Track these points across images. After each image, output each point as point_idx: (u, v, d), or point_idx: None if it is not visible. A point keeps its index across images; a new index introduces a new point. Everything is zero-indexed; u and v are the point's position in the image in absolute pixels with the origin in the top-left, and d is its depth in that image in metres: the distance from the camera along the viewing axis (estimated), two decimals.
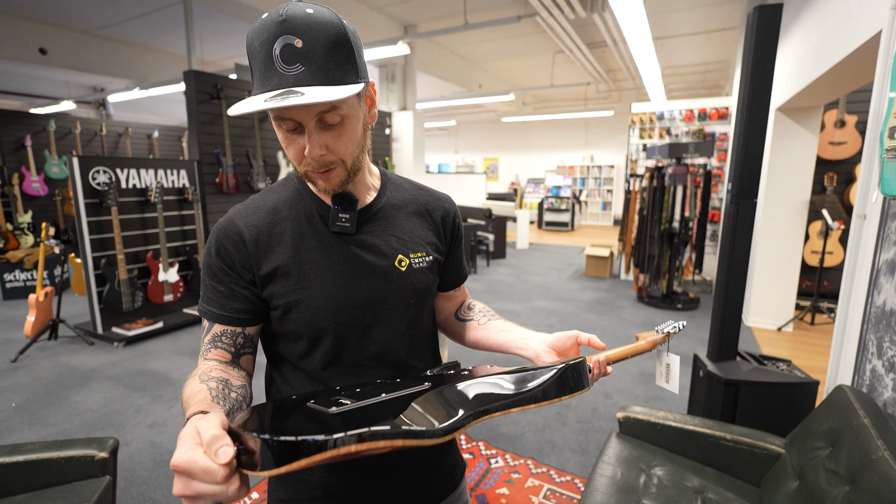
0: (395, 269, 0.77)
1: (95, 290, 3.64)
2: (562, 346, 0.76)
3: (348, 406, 0.51)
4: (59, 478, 1.48)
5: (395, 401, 0.54)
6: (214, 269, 0.72)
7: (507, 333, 0.83)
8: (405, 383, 0.62)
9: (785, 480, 1.40)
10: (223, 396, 0.61)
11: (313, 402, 0.55)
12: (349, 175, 0.71)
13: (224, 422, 0.47)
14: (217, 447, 0.42)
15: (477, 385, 0.59)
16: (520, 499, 1.92)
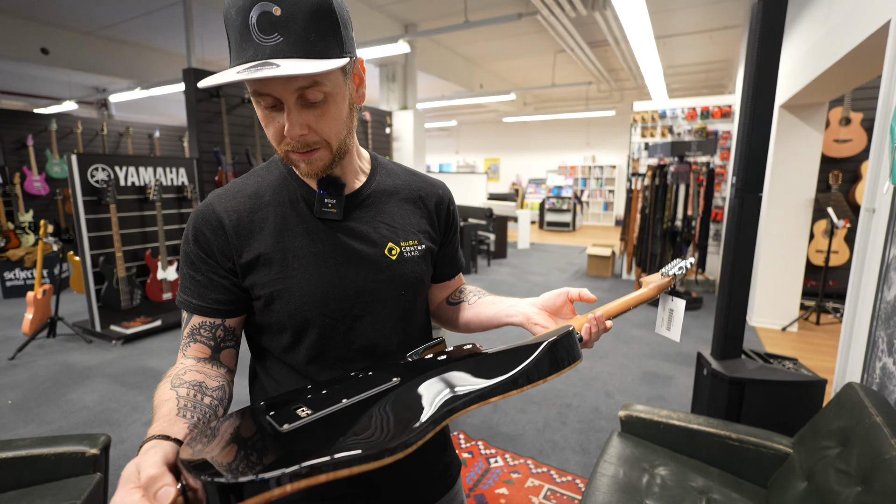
0: (385, 257, 0.73)
1: (94, 288, 3.62)
2: (552, 305, 0.72)
3: (302, 420, 0.47)
4: (49, 475, 1.45)
5: (356, 407, 0.50)
6: (192, 257, 0.68)
7: (495, 305, 0.79)
8: (374, 378, 0.57)
9: (793, 481, 1.35)
10: (193, 405, 0.57)
11: (272, 415, 0.51)
12: (334, 158, 0.67)
13: (168, 455, 0.44)
14: (156, 489, 0.39)
15: (450, 376, 0.54)
16: (519, 499, 1.88)
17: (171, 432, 0.50)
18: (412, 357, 0.68)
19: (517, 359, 0.55)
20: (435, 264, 0.83)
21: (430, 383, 0.53)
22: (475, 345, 0.64)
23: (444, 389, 0.52)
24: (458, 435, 2.35)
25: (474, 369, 0.55)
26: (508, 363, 0.55)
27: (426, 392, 0.52)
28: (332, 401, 0.51)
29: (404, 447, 0.43)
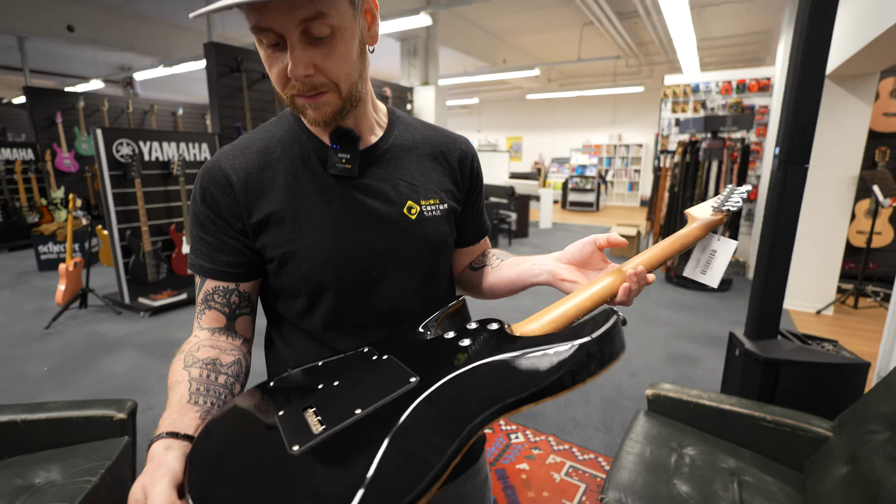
0: (404, 217, 0.68)
1: (122, 262, 3.71)
2: (579, 258, 0.66)
3: (315, 440, 0.42)
4: (80, 436, 1.49)
5: (372, 422, 0.43)
6: (201, 218, 0.64)
7: (518, 266, 0.73)
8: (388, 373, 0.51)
9: (833, 466, 1.29)
10: (206, 388, 0.55)
11: (281, 415, 0.47)
12: (344, 104, 0.61)
13: (175, 476, 0.42)
14: None
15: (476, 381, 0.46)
16: (541, 475, 1.86)
17: (182, 426, 0.49)
18: (430, 327, 0.64)
19: (552, 360, 0.46)
20: (458, 227, 0.78)
21: (455, 393, 0.45)
22: (502, 324, 0.56)
23: (471, 402, 0.44)
24: None
25: (502, 372, 0.47)
26: (541, 365, 0.46)
27: (451, 404, 0.44)
28: (344, 408, 0.46)
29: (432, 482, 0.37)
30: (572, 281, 0.64)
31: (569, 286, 0.64)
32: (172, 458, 0.43)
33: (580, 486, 1.80)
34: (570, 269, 0.66)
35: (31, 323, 3.51)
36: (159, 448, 0.45)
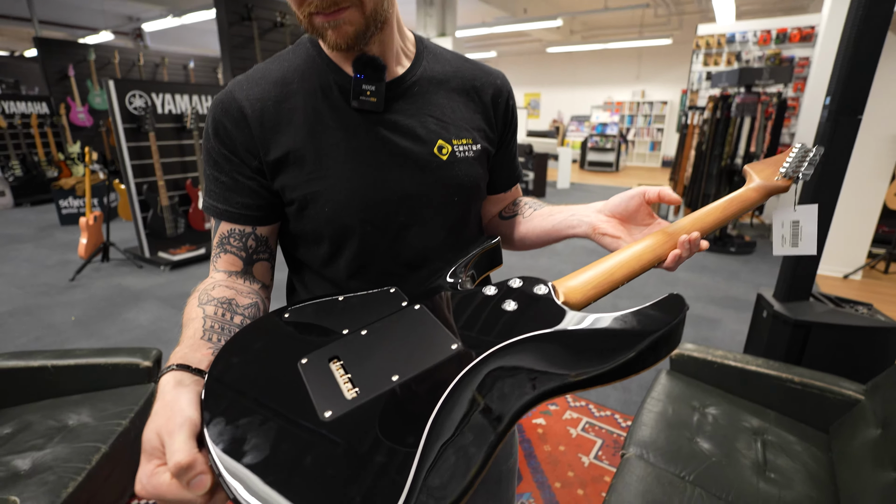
0: (435, 157, 0.62)
1: (140, 216, 3.73)
2: (624, 212, 0.60)
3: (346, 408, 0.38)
4: (107, 382, 1.53)
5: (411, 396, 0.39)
6: (214, 155, 0.59)
7: (554, 216, 0.68)
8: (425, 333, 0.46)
9: (863, 428, 1.26)
10: (220, 326, 0.51)
11: (305, 364, 0.42)
12: (367, 23, 0.54)
13: (193, 424, 0.37)
14: (188, 479, 0.34)
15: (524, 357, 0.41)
16: (557, 430, 1.88)
17: (194, 360, 0.45)
18: (461, 272, 0.59)
19: (613, 347, 0.41)
20: (489, 171, 0.72)
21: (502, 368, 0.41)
22: (550, 289, 0.50)
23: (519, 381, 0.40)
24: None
25: (556, 351, 0.42)
26: (602, 349, 0.41)
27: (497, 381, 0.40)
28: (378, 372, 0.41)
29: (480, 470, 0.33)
30: (614, 236, 0.59)
31: (610, 242, 0.59)
32: (186, 402, 0.39)
33: (596, 441, 1.82)
34: (613, 222, 0.61)
35: (56, 275, 3.60)
36: (170, 382, 0.41)
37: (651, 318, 0.43)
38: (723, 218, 0.59)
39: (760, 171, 0.64)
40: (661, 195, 0.57)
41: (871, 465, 1.13)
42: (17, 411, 1.43)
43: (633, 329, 0.42)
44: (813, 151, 0.61)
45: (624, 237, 0.59)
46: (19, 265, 3.84)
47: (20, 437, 1.31)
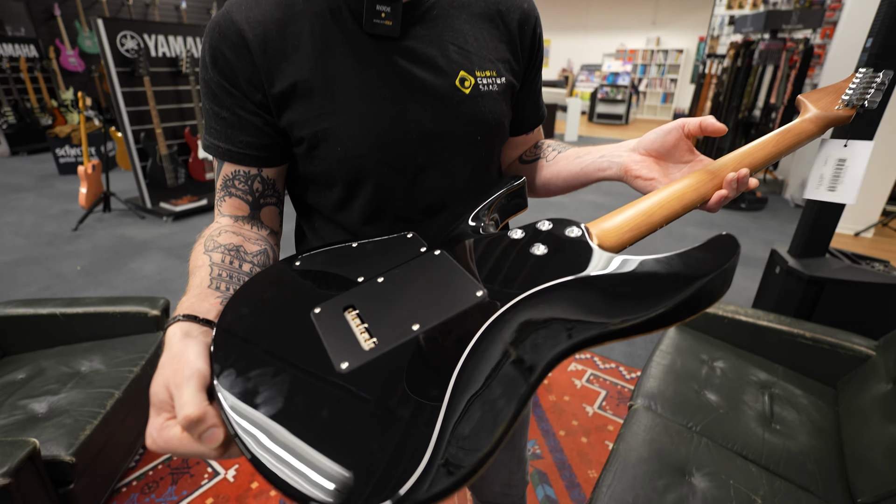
0: (457, 90, 0.56)
1: (139, 165, 3.65)
2: (661, 148, 0.54)
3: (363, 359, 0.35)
4: (117, 330, 1.54)
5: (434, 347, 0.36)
6: (212, 87, 0.53)
7: (582, 158, 0.62)
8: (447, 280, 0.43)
9: (873, 383, 1.26)
10: (228, 274, 0.48)
11: (318, 314, 0.39)
12: None
13: (202, 376, 0.35)
14: (199, 432, 0.33)
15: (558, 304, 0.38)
16: (562, 381, 1.90)
17: (201, 310, 0.43)
18: (483, 216, 0.54)
19: (658, 291, 0.37)
20: (512, 108, 0.66)
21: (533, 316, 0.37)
22: (584, 231, 0.45)
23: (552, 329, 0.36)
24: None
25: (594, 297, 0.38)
26: (645, 294, 0.37)
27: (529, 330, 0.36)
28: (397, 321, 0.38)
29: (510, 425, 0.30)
30: (649, 178, 0.53)
31: (643, 185, 0.54)
32: (194, 353, 0.37)
33: (601, 392, 1.85)
34: (648, 162, 0.55)
35: (59, 224, 3.57)
36: (177, 334, 0.39)
37: (699, 261, 0.39)
38: (774, 153, 0.53)
39: (817, 101, 0.57)
40: (704, 126, 0.51)
41: (879, 419, 1.14)
42: (31, 357, 1.45)
43: (679, 272, 0.38)
44: (881, 76, 0.53)
45: (659, 178, 0.53)
46: (22, 215, 3.81)
47: (35, 382, 1.33)
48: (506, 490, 0.95)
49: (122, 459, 1.39)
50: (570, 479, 1.46)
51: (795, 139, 0.54)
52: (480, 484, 0.94)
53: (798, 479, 1.07)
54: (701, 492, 1.01)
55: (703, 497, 1.00)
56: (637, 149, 0.56)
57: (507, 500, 0.98)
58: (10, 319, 1.47)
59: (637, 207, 0.49)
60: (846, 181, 0.56)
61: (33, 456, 1.02)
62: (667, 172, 0.55)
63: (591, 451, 1.56)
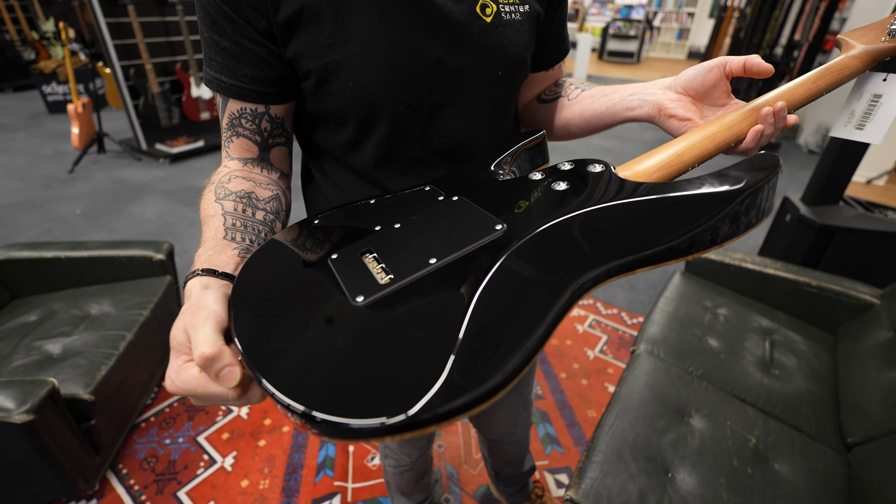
0: (478, 18, 0.51)
1: (131, 104, 3.51)
2: (700, 87, 0.50)
3: (379, 293, 0.33)
4: (121, 275, 1.54)
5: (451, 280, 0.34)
6: (212, 13, 0.47)
7: (608, 97, 0.58)
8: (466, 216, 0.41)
9: (874, 331, 1.27)
10: (242, 223, 0.46)
11: (335, 259, 0.38)
12: None
13: (219, 320, 0.35)
14: (215, 370, 0.32)
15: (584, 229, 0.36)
16: (565, 325, 1.94)
17: (219, 263, 0.42)
18: (504, 166, 0.52)
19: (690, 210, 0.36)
20: (536, 41, 0.60)
21: (558, 243, 0.36)
22: (608, 165, 0.44)
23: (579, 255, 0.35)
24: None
25: (624, 220, 0.37)
26: (677, 214, 0.36)
27: (553, 257, 0.35)
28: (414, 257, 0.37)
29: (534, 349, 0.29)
30: (685, 119, 0.50)
31: (678, 126, 0.50)
32: (212, 299, 0.37)
33: (602, 336, 1.88)
34: (684, 101, 0.51)
35: (54, 166, 3.50)
36: (196, 286, 0.39)
37: (737, 170, 0.38)
38: (815, 90, 0.49)
39: (861, 37, 0.52)
40: (749, 65, 0.47)
41: (877, 366, 1.16)
42: (40, 300, 1.46)
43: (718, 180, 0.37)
44: None
45: (696, 120, 0.50)
46: (15, 156, 3.72)
47: (47, 324, 1.35)
48: (511, 430, 0.99)
49: (139, 397, 1.44)
50: (569, 419, 1.52)
51: (837, 76, 0.50)
52: (488, 423, 0.98)
53: (792, 420, 1.11)
54: (699, 431, 1.05)
55: (701, 436, 1.04)
56: (673, 86, 0.52)
57: (512, 439, 1.03)
58: (16, 263, 1.47)
59: (667, 150, 0.47)
60: (876, 119, 0.52)
61: (53, 394, 1.05)
62: (703, 114, 0.51)
63: (590, 393, 1.62)
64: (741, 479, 0.95)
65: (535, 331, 0.30)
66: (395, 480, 1.05)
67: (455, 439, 1.45)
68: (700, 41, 10.09)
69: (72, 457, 1.13)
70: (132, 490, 1.27)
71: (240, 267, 0.42)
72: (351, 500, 1.27)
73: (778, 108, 0.46)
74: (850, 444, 1.06)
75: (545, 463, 1.38)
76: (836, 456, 1.03)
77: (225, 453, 1.38)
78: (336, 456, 1.38)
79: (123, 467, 1.33)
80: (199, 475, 1.32)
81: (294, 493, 1.28)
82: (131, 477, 1.31)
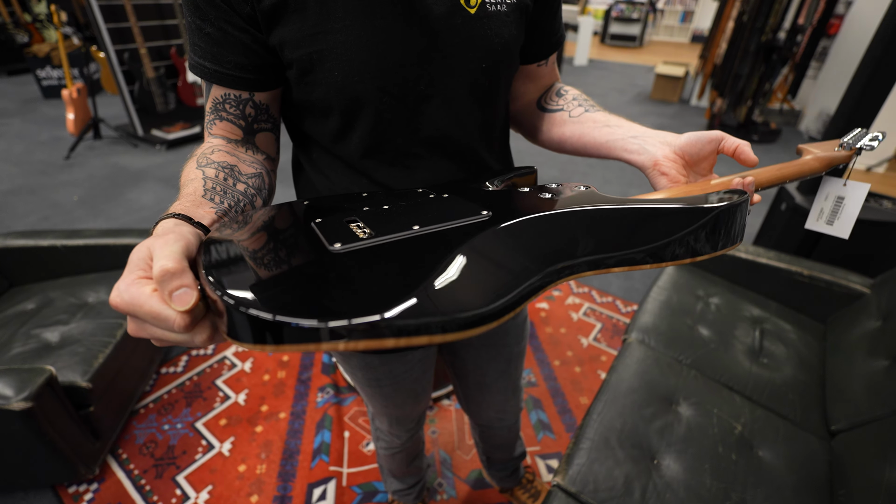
0: (461, 9, 0.51)
1: (126, 89, 3.48)
2: (696, 155, 0.52)
3: (360, 243, 0.34)
4: (118, 263, 1.55)
5: (433, 240, 0.35)
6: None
7: (611, 130, 0.58)
8: (454, 204, 0.43)
9: (864, 320, 1.28)
10: (223, 189, 0.46)
11: (319, 223, 0.38)
12: None
13: (190, 246, 0.33)
14: (171, 288, 0.29)
15: (565, 223, 0.39)
16: (560, 314, 1.95)
17: (196, 215, 0.41)
18: (497, 184, 0.53)
19: (666, 223, 0.39)
20: (526, 32, 0.59)
21: (537, 229, 0.38)
22: (591, 188, 0.47)
23: (562, 242, 0.38)
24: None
25: (600, 223, 0.39)
26: (653, 226, 0.39)
27: (534, 240, 0.37)
28: (398, 224, 0.38)
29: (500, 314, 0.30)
30: (674, 180, 0.51)
31: (665, 184, 0.51)
32: (187, 230, 0.35)
33: (596, 324, 1.90)
34: (677, 164, 0.52)
35: (51, 152, 3.48)
36: (170, 222, 0.37)
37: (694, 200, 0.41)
38: (780, 177, 0.54)
39: (817, 148, 0.61)
40: (739, 150, 0.50)
41: (864, 354, 1.18)
42: (38, 288, 1.47)
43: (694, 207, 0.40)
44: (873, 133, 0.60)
45: (681, 181, 0.52)
46: (11, 141, 3.70)
47: (45, 312, 1.36)
48: (501, 415, 1.01)
49: (138, 384, 1.46)
50: (562, 405, 1.54)
51: (799, 170, 0.56)
52: (477, 408, 1.00)
53: (778, 408, 1.13)
54: (685, 419, 1.07)
55: (687, 423, 1.06)
56: (672, 145, 0.53)
57: (503, 424, 1.05)
58: (13, 251, 1.48)
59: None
60: (842, 217, 0.62)
61: (51, 381, 1.07)
62: (689, 181, 0.53)
63: (583, 380, 1.64)
64: (725, 465, 0.97)
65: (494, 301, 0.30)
66: (387, 463, 1.08)
67: (448, 425, 1.47)
68: (703, 25, 9.92)
69: (71, 442, 1.15)
70: (132, 474, 1.30)
71: (215, 224, 0.41)
72: (346, 485, 1.30)
73: (747, 182, 0.49)
74: (833, 431, 1.08)
75: (537, 449, 1.41)
76: (819, 443, 1.05)
77: (223, 439, 1.41)
78: (332, 441, 1.41)
79: (123, 452, 1.36)
80: (197, 460, 1.34)
81: (290, 477, 1.31)
82: (131, 462, 1.34)
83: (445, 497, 1.28)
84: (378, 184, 0.58)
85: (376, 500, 1.27)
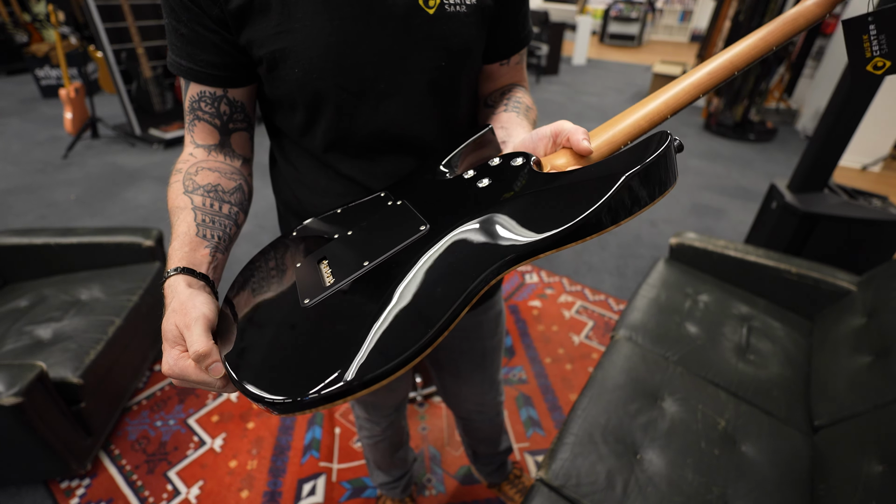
0: (420, 10, 0.52)
1: (124, 88, 3.49)
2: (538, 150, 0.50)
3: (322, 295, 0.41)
4: (111, 261, 1.56)
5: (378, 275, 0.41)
6: (170, 1, 0.50)
7: (501, 131, 0.59)
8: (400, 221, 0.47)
9: (849, 317, 1.29)
10: (211, 219, 0.51)
11: (299, 267, 0.47)
12: None
13: (208, 320, 0.42)
14: (206, 365, 0.40)
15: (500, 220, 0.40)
16: (552, 311, 1.96)
17: (195, 263, 0.48)
18: (455, 164, 0.55)
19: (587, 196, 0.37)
20: (490, 30, 0.60)
21: (466, 242, 0.40)
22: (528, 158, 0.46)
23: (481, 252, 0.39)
24: None
25: (534, 206, 0.40)
26: (581, 196, 0.38)
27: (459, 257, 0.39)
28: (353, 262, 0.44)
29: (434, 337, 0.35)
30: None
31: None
32: (201, 301, 0.43)
33: (588, 322, 1.91)
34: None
35: (49, 151, 3.50)
36: (180, 284, 0.45)
37: (632, 153, 0.40)
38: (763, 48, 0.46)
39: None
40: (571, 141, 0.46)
41: (848, 351, 1.19)
42: (31, 286, 1.48)
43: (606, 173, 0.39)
44: None
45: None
46: (9, 141, 3.71)
47: (37, 309, 1.37)
48: (479, 408, 1.03)
49: (130, 381, 1.47)
50: (552, 402, 1.55)
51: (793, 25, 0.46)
52: (455, 401, 1.02)
53: (763, 404, 1.14)
54: (669, 415, 1.08)
55: (671, 419, 1.07)
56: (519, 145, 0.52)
57: (483, 417, 1.06)
58: (7, 249, 1.49)
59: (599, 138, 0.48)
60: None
61: (42, 377, 1.08)
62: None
63: (574, 378, 1.65)
64: (707, 460, 0.98)
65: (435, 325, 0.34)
66: (371, 453, 1.09)
67: (438, 422, 1.49)
68: (703, 24, 9.93)
69: (63, 438, 1.17)
70: (124, 470, 1.31)
71: (211, 266, 0.49)
72: (336, 480, 1.31)
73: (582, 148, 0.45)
74: (816, 426, 1.09)
75: (526, 445, 1.42)
76: (802, 438, 1.06)
77: (214, 435, 1.42)
78: (322, 437, 1.42)
79: (115, 448, 1.37)
80: (188, 456, 1.36)
81: (281, 472, 1.32)
82: (123, 457, 1.35)
83: (434, 492, 1.29)
84: (343, 175, 0.60)
85: (365, 495, 1.28)
